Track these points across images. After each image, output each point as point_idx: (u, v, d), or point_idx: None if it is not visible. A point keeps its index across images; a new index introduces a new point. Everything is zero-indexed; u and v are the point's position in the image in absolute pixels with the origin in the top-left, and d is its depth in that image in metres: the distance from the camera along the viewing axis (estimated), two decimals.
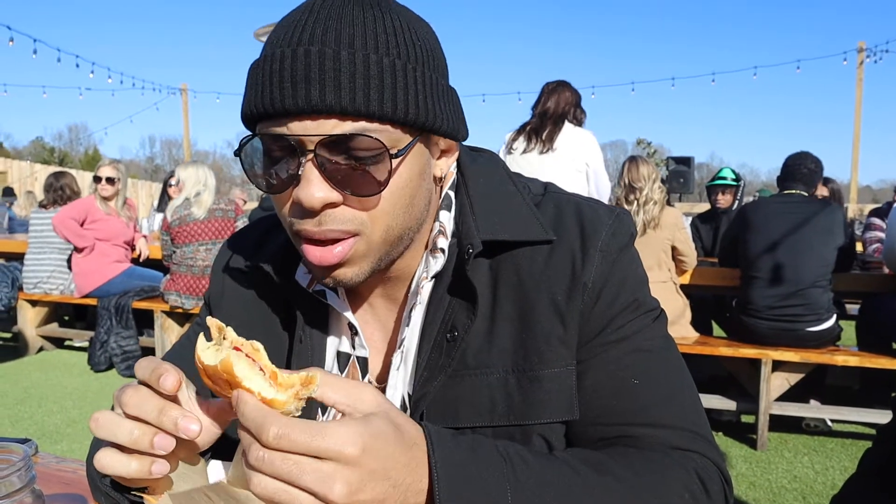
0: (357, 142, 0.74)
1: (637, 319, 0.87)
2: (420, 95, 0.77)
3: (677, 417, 0.83)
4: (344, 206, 0.77)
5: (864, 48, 15.97)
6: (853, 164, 16.37)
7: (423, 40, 0.80)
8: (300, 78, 0.72)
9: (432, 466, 0.63)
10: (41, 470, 1.07)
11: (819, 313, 3.87)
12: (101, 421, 0.65)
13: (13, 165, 19.90)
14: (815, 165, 4.10)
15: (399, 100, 0.75)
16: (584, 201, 0.92)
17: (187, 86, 21.74)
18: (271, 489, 0.57)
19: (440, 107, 0.80)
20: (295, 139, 0.74)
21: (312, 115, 0.73)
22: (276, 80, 0.74)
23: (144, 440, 0.63)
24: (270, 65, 0.75)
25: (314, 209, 0.76)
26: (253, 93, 0.77)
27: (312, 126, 0.74)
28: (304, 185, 0.75)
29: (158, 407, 0.63)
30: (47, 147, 53.37)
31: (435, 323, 0.86)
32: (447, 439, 0.66)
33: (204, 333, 0.67)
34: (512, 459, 0.69)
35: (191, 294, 5.23)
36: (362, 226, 0.79)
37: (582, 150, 4.17)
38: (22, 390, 5.17)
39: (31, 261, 5.93)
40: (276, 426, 0.57)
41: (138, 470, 0.64)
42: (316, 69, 0.72)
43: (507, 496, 0.66)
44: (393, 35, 0.76)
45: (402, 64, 0.76)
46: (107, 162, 5.82)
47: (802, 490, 3.45)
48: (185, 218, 5.17)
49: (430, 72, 0.79)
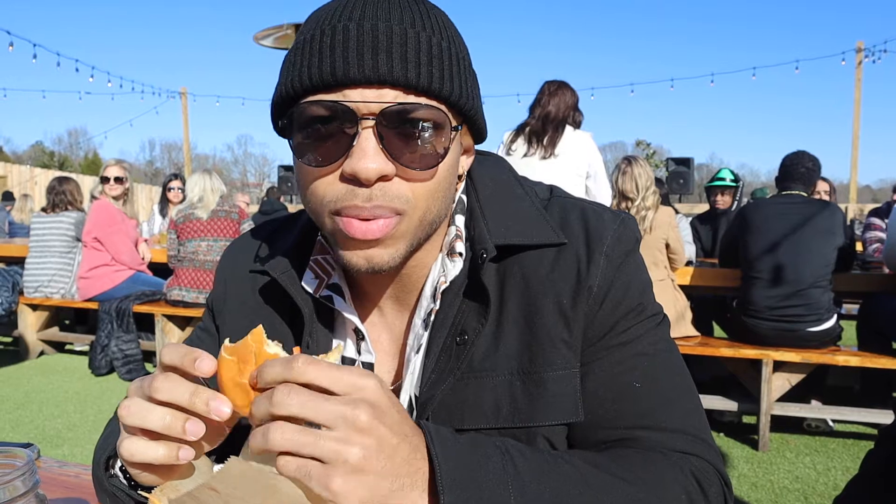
0: (421, 113, 0.75)
1: (641, 324, 0.87)
2: (469, 83, 0.80)
3: (678, 421, 0.84)
4: (396, 178, 0.77)
5: (863, 48, 15.99)
6: (852, 164, 16.38)
7: (459, 33, 0.84)
8: (367, 48, 0.73)
9: (433, 458, 0.63)
10: (43, 474, 1.07)
11: (819, 313, 3.87)
12: (132, 409, 0.65)
13: (13, 170, 19.91)
14: (812, 164, 4.11)
15: (455, 82, 0.77)
16: (589, 206, 0.92)
17: (187, 89, 21.76)
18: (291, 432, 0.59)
19: (477, 98, 0.84)
20: (355, 107, 0.74)
21: (375, 85, 0.74)
22: (340, 50, 0.73)
23: (176, 425, 0.64)
24: (331, 37, 0.74)
25: (369, 181, 0.75)
26: (306, 64, 0.75)
27: (373, 95, 0.74)
28: (359, 155, 0.74)
29: (190, 390, 0.64)
30: (47, 151, 53.39)
31: (445, 326, 0.86)
32: (446, 434, 0.67)
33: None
34: (511, 453, 0.69)
35: (191, 287, 5.27)
36: (408, 204, 0.78)
37: (583, 153, 4.17)
38: (23, 395, 5.17)
39: (32, 265, 5.93)
40: (304, 357, 0.61)
41: (166, 455, 0.64)
42: (384, 41, 0.73)
43: (508, 488, 0.66)
44: (442, 22, 0.80)
45: (455, 50, 0.79)
46: (113, 162, 5.83)
47: (804, 490, 3.45)
48: (189, 216, 5.26)
49: (470, 64, 0.83)
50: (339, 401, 0.60)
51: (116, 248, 5.60)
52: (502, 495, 0.65)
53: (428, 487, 0.63)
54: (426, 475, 0.64)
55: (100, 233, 5.55)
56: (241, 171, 74.53)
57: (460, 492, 0.62)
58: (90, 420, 4.60)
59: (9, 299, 6.01)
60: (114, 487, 0.75)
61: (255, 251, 1.00)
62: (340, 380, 0.61)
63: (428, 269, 0.91)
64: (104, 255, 5.62)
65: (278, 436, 0.58)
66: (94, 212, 5.62)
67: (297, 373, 0.60)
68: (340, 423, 0.59)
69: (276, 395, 0.59)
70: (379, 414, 0.61)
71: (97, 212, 5.60)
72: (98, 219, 5.58)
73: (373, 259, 0.80)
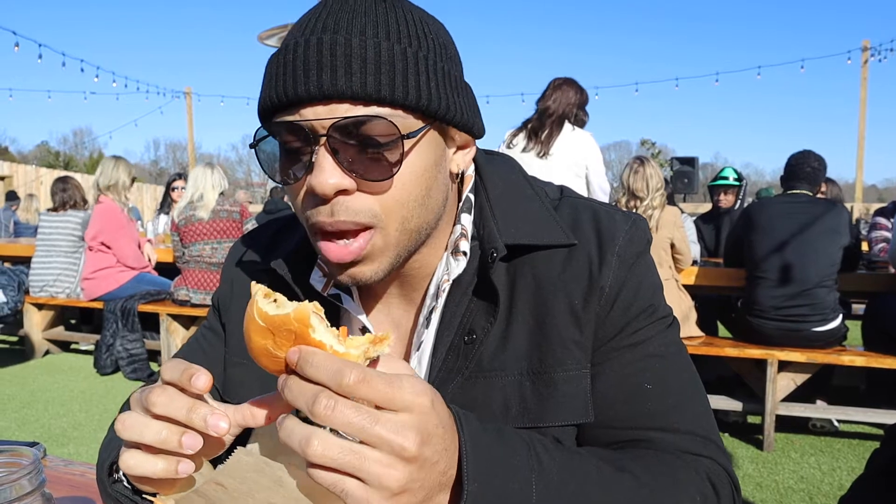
0: (369, 125, 0.74)
1: (651, 325, 0.87)
2: (431, 83, 0.78)
3: (689, 423, 0.84)
4: (358, 192, 0.77)
5: (869, 47, 15.93)
6: (858, 164, 16.32)
7: (435, 33, 0.82)
8: (312, 65, 0.74)
9: (461, 444, 0.63)
10: (49, 473, 1.08)
11: (825, 313, 3.86)
12: (127, 423, 0.65)
13: (18, 170, 19.95)
14: (818, 164, 4.10)
15: (410, 86, 0.76)
16: (600, 206, 0.92)
17: (191, 89, 21.81)
18: (335, 451, 0.55)
19: (453, 97, 0.81)
20: (308, 125, 0.75)
21: (325, 101, 0.74)
22: (290, 69, 0.75)
23: (173, 439, 0.63)
24: (284, 56, 0.76)
25: (326, 196, 0.76)
26: (268, 85, 0.78)
27: (324, 111, 0.74)
28: (317, 171, 0.75)
29: (188, 405, 0.63)
30: (52, 151, 53.61)
31: (452, 325, 0.87)
32: (474, 421, 0.66)
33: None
34: (536, 448, 0.69)
35: (198, 288, 5.29)
36: (375, 218, 0.78)
37: (580, 153, 4.13)
38: (28, 394, 5.19)
39: (38, 264, 5.95)
40: (356, 370, 0.57)
41: (165, 469, 0.64)
42: (328, 56, 0.74)
43: (531, 480, 0.66)
44: (405, 25, 0.78)
45: (413, 52, 0.77)
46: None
47: (809, 491, 3.44)
48: (190, 218, 5.25)
49: (442, 62, 0.80)
50: (387, 426, 0.57)
51: (123, 252, 5.62)
52: (525, 490, 0.65)
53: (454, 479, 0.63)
54: (454, 475, 0.63)
55: (107, 236, 5.55)
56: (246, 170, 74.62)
57: (484, 482, 0.62)
58: (95, 419, 4.61)
59: (15, 298, 6.03)
60: (117, 493, 0.75)
61: (260, 250, 1.01)
62: (393, 401, 0.58)
63: (433, 268, 0.91)
64: (109, 257, 5.63)
65: (320, 450, 0.55)
66: (100, 214, 5.62)
67: (346, 390, 0.57)
68: (386, 448, 0.57)
69: (318, 404, 0.56)
70: (425, 439, 0.58)
71: (104, 215, 5.60)
72: (105, 221, 5.58)
73: (355, 276, 0.82)
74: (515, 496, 0.64)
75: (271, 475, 0.62)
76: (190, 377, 0.63)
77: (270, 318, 0.61)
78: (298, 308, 0.60)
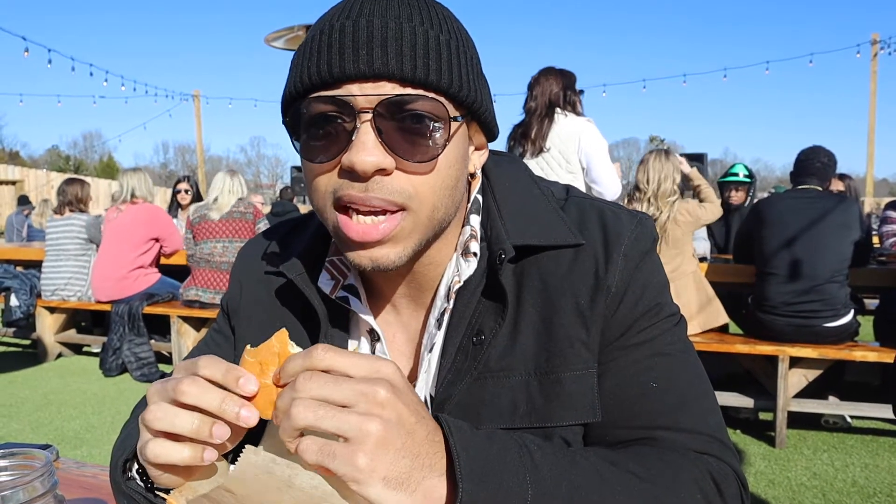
0: (419, 103, 0.75)
1: (658, 324, 0.87)
2: (471, 76, 0.80)
3: (695, 422, 0.83)
4: (396, 172, 0.77)
5: (878, 40, 15.81)
6: (869, 158, 16.20)
7: (465, 30, 0.85)
8: (362, 44, 0.74)
9: (451, 447, 0.63)
10: (62, 475, 1.08)
11: (836, 309, 3.83)
12: (158, 413, 0.66)
13: (30, 174, 20.15)
14: (828, 159, 4.07)
15: (454, 74, 0.77)
16: (606, 206, 0.92)
17: (199, 92, 21.92)
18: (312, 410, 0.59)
19: (484, 93, 0.83)
20: (353, 101, 0.74)
21: (371, 80, 0.74)
22: (336, 48, 0.75)
23: (204, 429, 0.65)
24: (329, 35, 0.76)
25: (365, 173, 0.75)
26: (307, 63, 0.77)
27: (371, 88, 0.75)
28: (358, 148, 0.74)
29: (220, 397, 0.65)
30: (63, 155, 54.02)
31: (461, 327, 0.87)
32: (463, 426, 0.67)
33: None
34: (529, 447, 0.69)
35: (208, 287, 5.31)
36: (410, 200, 0.78)
37: (577, 143, 3.88)
38: (41, 396, 5.23)
39: (49, 268, 6.00)
40: (322, 346, 0.63)
41: (191, 457, 0.65)
42: (379, 36, 0.74)
43: (525, 480, 0.66)
44: (444, 17, 0.80)
45: (455, 43, 0.79)
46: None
47: (822, 487, 3.42)
48: (204, 216, 5.31)
49: (475, 59, 0.83)
50: (359, 380, 0.62)
51: (177, 243, 5.79)
52: (520, 487, 0.65)
53: (446, 475, 0.63)
54: (444, 461, 0.64)
55: (162, 231, 5.72)
56: (255, 172, 74.92)
57: (478, 481, 0.62)
58: (108, 421, 4.64)
59: (27, 302, 6.08)
60: (131, 490, 0.76)
61: (269, 253, 1.01)
62: (359, 364, 0.63)
63: (443, 269, 0.91)
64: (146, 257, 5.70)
65: (300, 409, 0.59)
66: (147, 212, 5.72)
67: (316, 360, 0.62)
68: (361, 400, 0.60)
69: (297, 381, 0.61)
70: (397, 392, 0.62)
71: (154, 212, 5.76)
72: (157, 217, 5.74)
73: (378, 259, 0.80)
74: (512, 494, 0.64)
75: (280, 475, 0.63)
76: (237, 379, 0.65)
77: (255, 351, 0.67)
78: (277, 333, 0.68)
